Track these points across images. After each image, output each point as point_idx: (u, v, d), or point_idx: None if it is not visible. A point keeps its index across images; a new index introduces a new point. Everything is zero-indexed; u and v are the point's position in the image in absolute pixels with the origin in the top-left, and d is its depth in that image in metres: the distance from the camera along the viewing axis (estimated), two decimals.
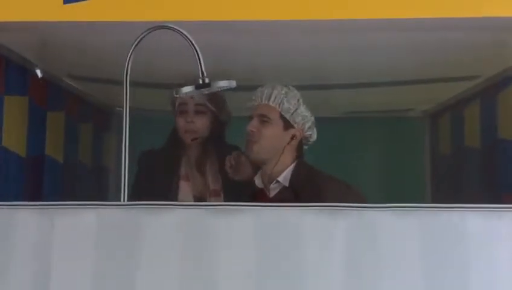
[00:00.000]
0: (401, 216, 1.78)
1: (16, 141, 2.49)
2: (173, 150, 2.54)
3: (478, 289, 1.77)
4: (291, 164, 2.32)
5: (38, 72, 2.64)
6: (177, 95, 2.25)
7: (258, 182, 2.36)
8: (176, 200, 2.44)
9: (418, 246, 1.77)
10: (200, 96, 2.38)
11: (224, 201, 2.46)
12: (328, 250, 1.76)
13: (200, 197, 2.52)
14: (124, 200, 1.88)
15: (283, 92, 2.32)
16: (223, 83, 1.96)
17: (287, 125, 2.32)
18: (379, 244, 1.77)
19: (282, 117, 2.31)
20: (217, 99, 2.50)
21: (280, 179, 2.30)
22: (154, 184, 2.49)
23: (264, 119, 2.30)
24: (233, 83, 1.97)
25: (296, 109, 2.32)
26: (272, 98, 2.31)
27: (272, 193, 2.32)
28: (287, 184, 2.30)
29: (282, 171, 2.31)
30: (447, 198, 3.28)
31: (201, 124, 2.50)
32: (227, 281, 1.75)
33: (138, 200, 1.80)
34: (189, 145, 2.54)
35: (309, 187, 2.25)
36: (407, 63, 2.64)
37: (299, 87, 2.38)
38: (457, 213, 1.80)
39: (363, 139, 3.53)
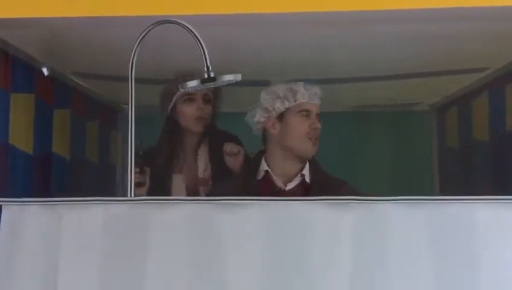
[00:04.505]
0: (410, 209, 1.78)
1: (22, 138, 2.49)
2: (171, 143, 2.57)
3: (487, 281, 1.76)
4: None
5: (45, 70, 2.64)
6: (183, 90, 2.25)
7: (276, 178, 2.34)
8: (170, 195, 2.47)
9: (426, 239, 1.77)
10: None
11: (213, 189, 2.49)
12: (336, 243, 1.76)
13: (193, 188, 2.55)
14: (130, 196, 1.88)
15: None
16: (228, 77, 1.95)
17: None
18: (388, 236, 1.76)
19: None
20: (216, 89, 2.53)
21: (305, 172, 2.34)
22: (154, 182, 2.50)
23: (319, 119, 2.36)
24: (239, 77, 1.96)
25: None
26: (319, 97, 2.37)
27: (292, 185, 2.34)
28: (308, 179, 2.33)
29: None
30: (455, 192, 3.26)
31: (208, 112, 2.56)
32: (235, 275, 1.75)
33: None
34: (190, 133, 2.56)
35: (326, 184, 2.31)
36: (414, 56, 2.62)
37: (306, 82, 2.38)
38: (466, 205, 1.79)
39: (370, 133, 3.52)
